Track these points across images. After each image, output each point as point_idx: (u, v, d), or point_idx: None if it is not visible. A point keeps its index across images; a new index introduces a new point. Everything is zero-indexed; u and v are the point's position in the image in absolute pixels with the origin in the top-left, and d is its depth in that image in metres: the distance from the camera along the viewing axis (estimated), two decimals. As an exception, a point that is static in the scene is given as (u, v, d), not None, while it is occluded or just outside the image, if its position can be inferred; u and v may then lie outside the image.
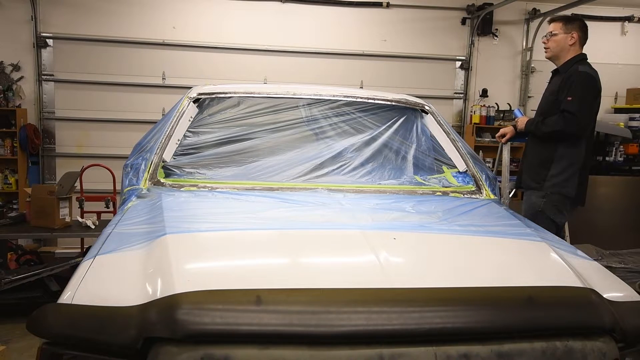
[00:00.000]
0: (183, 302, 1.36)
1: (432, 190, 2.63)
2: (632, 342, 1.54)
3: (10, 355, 3.66)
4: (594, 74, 3.24)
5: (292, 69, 6.94)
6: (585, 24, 3.41)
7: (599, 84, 3.25)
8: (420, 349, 1.36)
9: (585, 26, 3.40)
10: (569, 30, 3.32)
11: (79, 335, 1.35)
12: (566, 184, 3.23)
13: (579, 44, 3.36)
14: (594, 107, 3.24)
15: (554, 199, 3.26)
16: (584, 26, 3.38)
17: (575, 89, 3.16)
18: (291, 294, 1.44)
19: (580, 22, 3.40)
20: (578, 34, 3.33)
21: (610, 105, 7.68)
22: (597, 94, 3.24)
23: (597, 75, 3.26)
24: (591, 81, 3.21)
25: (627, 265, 4.69)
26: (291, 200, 2.29)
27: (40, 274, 4.28)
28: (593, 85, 3.21)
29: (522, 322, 1.44)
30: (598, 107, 3.29)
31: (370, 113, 2.97)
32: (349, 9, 7.06)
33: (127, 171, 2.65)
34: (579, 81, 3.18)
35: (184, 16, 6.74)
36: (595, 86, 3.23)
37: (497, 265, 1.81)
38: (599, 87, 3.24)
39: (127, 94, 6.72)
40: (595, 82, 3.23)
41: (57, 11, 6.55)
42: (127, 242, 1.79)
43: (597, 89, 3.24)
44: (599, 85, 3.24)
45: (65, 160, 6.67)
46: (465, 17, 7.32)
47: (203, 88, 2.96)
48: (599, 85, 3.25)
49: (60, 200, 4.36)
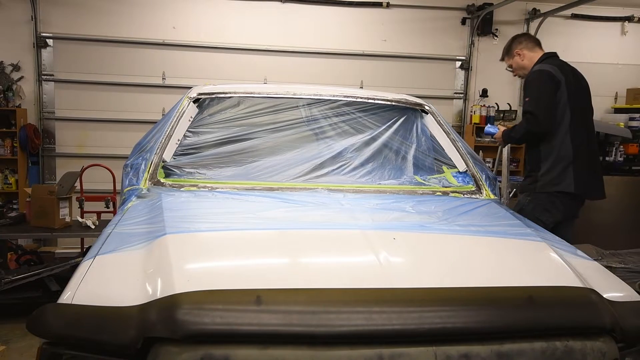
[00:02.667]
0: (183, 302, 1.36)
1: (432, 190, 2.63)
2: (632, 342, 1.54)
3: (10, 355, 3.66)
4: (547, 68, 3.26)
5: (292, 69, 6.94)
6: (519, 35, 3.60)
7: (554, 75, 3.23)
8: (420, 349, 1.36)
9: (520, 36, 3.59)
10: (513, 55, 3.54)
11: (78, 335, 1.35)
12: (559, 180, 3.21)
13: (531, 52, 3.47)
14: (552, 98, 3.21)
15: (540, 197, 3.26)
16: (519, 37, 3.57)
17: (530, 89, 3.29)
18: (291, 294, 1.44)
19: (513, 38, 3.59)
20: (521, 49, 3.50)
21: (610, 105, 7.68)
22: (552, 85, 3.22)
23: (555, 68, 3.25)
24: (542, 75, 3.25)
25: (627, 265, 4.69)
26: (291, 200, 2.29)
27: (40, 274, 4.28)
28: (546, 78, 3.23)
29: (522, 322, 1.44)
30: (566, 96, 3.23)
31: (370, 113, 2.97)
32: (349, 9, 7.06)
33: (127, 171, 2.65)
34: (532, 80, 3.31)
35: (184, 16, 6.74)
36: (549, 78, 3.22)
37: (497, 265, 1.81)
38: (555, 78, 3.22)
39: (127, 94, 6.72)
40: (548, 74, 3.23)
41: (57, 11, 6.55)
42: (127, 242, 1.79)
43: (553, 80, 3.22)
44: (554, 76, 3.22)
45: (65, 160, 6.66)
46: (465, 17, 7.32)
47: (203, 88, 2.96)
48: (555, 76, 3.23)
49: (60, 200, 4.36)
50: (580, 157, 3.24)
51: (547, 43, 7.81)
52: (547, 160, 3.26)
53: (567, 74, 3.29)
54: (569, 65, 3.41)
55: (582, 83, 3.41)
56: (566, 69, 3.33)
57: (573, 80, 3.31)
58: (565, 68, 3.34)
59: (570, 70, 3.37)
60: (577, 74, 3.42)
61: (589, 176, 3.28)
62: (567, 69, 3.34)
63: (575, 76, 3.37)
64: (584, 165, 3.24)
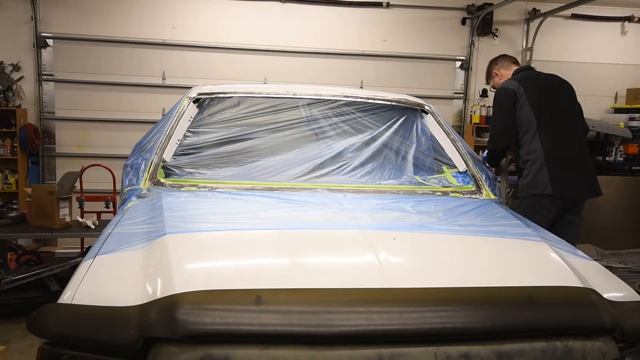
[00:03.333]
0: (183, 302, 1.36)
1: (432, 190, 2.63)
2: (632, 342, 1.54)
3: (10, 355, 3.66)
4: (505, 84, 3.43)
5: (292, 69, 6.94)
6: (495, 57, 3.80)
7: (509, 89, 3.36)
8: (420, 349, 1.36)
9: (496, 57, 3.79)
10: (492, 75, 3.76)
11: (78, 335, 1.35)
12: (536, 182, 3.27)
13: (507, 70, 3.66)
14: (507, 114, 3.36)
15: (527, 200, 3.34)
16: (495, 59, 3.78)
17: (492, 108, 3.58)
18: (291, 294, 1.44)
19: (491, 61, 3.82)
20: (498, 69, 3.71)
21: (610, 105, 7.68)
22: (508, 99, 3.35)
23: (514, 82, 3.38)
24: (499, 93, 3.44)
25: (627, 265, 4.69)
26: (291, 200, 2.29)
27: (40, 274, 4.28)
28: (501, 95, 3.40)
29: (522, 322, 1.44)
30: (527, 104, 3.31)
31: (370, 113, 2.97)
32: (349, 9, 7.06)
33: (127, 171, 2.65)
34: (493, 100, 3.54)
35: (184, 16, 6.74)
36: (504, 94, 3.38)
37: (497, 265, 1.81)
38: (509, 92, 3.35)
39: (127, 94, 6.72)
40: (503, 91, 3.39)
41: (57, 11, 6.55)
42: (127, 242, 1.79)
43: (507, 94, 3.36)
44: (509, 90, 3.36)
45: (65, 160, 6.66)
46: (465, 17, 7.31)
47: (203, 88, 2.96)
48: (511, 89, 3.36)
49: (60, 200, 4.36)
50: (554, 158, 3.25)
51: (547, 43, 7.88)
52: (525, 165, 3.37)
53: (531, 83, 3.38)
54: (540, 74, 3.56)
55: (554, 87, 3.47)
56: (531, 79, 3.43)
57: (540, 86, 3.39)
58: (531, 78, 3.44)
59: (538, 78, 3.48)
60: (551, 80, 3.50)
61: (568, 176, 3.27)
62: (533, 78, 3.45)
63: (546, 82, 3.46)
64: (559, 166, 3.25)
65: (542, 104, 3.33)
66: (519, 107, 3.34)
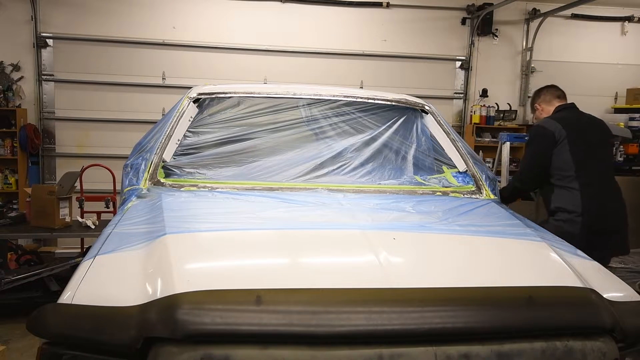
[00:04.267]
0: (183, 302, 1.36)
1: (432, 190, 2.63)
2: (632, 342, 1.54)
3: (10, 355, 3.66)
4: (544, 123, 3.17)
5: (292, 69, 6.94)
6: (541, 88, 3.47)
7: (547, 129, 3.12)
8: (420, 349, 1.36)
9: (542, 89, 3.46)
10: (534, 108, 3.48)
11: (78, 335, 1.35)
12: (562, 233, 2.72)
13: (548, 105, 3.37)
14: (541, 157, 3.14)
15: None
16: (540, 90, 3.47)
17: (526, 146, 3.34)
18: (291, 294, 1.44)
19: (536, 91, 3.51)
20: (539, 102, 3.43)
21: (610, 105, 7.68)
22: (545, 141, 3.11)
23: (554, 122, 3.13)
24: (536, 132, 3.20)
25: (627, 265, 4.69)
26: (291, 200, 2.29)
27: (40, 274, 4.29)
28: (538, 136, 3.17)
29: (522, 322, 1.44)
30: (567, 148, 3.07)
31: (371, 113, 2.96)
32: (349, 9, 7.06)
33: (127, 171, 2.65)
34: (528, 137, 3.35)
35: (184, 16, 6.74)
36: (542, 135, 3.14)
37: (497, 265, 1.81)
38: (548, 133, 3.10)
39: (127, 94, 6.72)
40: (542, 131, 3.14)
41: (57, 11, 6.55)
42: (127, 242, 1.79)
43: (546, 136, 3.11)
44: (547, 131, 3.11)
45: (65, 160, 6.67)
46: (465, 17, 7.32)
47: (203, 88, 2.96)
48: (549, 130, 3.11)
49: (60, 200, 4.36)
50: (590, 214, 3.02)
51: (547, 43, 7.88)
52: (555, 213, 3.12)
53: (573, 126, 3.12)
54: (582, 116, 3.25)
55: (595, 132, 3.20)
56: (573, 121, 3.16)
57: (581, 129, 3.14)
58: (573, 120, 3.17)
59: (579, 121, 3.19)
60: (591, 123, 3.24)
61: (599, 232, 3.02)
62: (575, 120, 3.17)
63: (587, 126, 3.20)
64: (593, 222, 3.01)
65: (582, 151, 3.08)
66: (557, 151, 3.09)
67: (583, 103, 3.55)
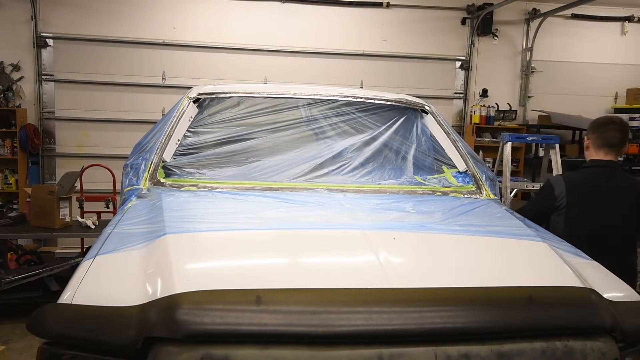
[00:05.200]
0: (183, 302, 1.36)
1: (432, 190, 2.63)
2: (632, 342, 1.54)
3: (10, 355, 3.66)
4: (558, 180, 2.84)
5: (292, 69, 6.94)
6: (602, 124, 2.83)
7: (554, 190, 2.77)
8: (420, 349, 1.36)
9: (600, 126, 2.83)
10: (586, 138, 2.95)
11: (78, 335, 1.35)
12: None
13: (593, 149, 2.85)
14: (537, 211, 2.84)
15: None
16: (597, 127, 2.84)
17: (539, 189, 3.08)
18: (291, 294, 1.44)
19: (596, 125, 2.86)
20: (589, 139, 2.89)
21: (610, 105, 7.68)
22: (546, 202, 2.82)
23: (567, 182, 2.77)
24: (545, 187, 2.91)
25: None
26: (291, 200, 2.29)
27: (40, 274, 4.29)
28: (545, 192, 2.87)
29: (522, 322, 1.44)
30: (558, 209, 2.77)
31: (370, 113, 2.96)
32: (349, 9, 7.06)
33: (127, 171, 2.65)
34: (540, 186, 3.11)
35: (184, 16, 6.74)
36: (547, 194, 2.82)
37: (497, 265, 1.81)
38: (552, 196, 2.77)
39: (127, 94, 6.72)
40: (549, 190, 2.82)
41: (57, 11, 6.55)
42: (127, 242, 1.79)
43: (550, 197, 2.79)
44: (554, 193, 2.77)
45: (65, 160, 6.67)
46: (465, 17, 7.32)
47: (203, 88, 2.96)
48: (556, 191, 2.76)
49: (60, 200, 4.36)
50: None
51: (547, 43, 7.88)
52: None
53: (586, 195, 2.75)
54: (612, 179, 2.76)
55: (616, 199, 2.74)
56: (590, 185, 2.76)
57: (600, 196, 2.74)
58: (591, 183, 2.76)
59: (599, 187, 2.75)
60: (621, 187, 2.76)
61: None
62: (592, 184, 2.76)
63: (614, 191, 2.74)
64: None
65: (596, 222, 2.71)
66: (557, 217, 2.77)
67: (583, 103, 3.55)
